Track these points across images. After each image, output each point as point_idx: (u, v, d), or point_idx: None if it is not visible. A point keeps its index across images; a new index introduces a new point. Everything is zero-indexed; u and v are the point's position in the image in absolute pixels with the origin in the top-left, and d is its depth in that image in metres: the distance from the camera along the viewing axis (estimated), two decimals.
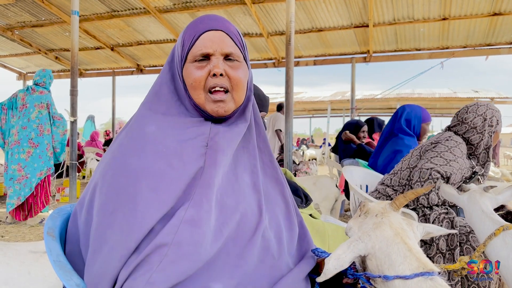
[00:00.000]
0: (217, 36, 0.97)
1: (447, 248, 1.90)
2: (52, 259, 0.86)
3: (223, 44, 0.97)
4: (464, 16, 6.72)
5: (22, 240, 4.01)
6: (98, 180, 0.91)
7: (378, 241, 0.89)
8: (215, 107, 0.96)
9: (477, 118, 2.21)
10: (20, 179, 4.53)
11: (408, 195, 0.98)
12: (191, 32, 0.98)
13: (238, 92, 0.98)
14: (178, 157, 0.89)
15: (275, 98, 14.72)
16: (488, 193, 1.44)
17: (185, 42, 0.98)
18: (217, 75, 0.95)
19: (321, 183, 4.25)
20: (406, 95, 13.57)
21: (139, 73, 10.41)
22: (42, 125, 4.64)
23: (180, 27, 8.06)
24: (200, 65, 0.96)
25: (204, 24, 0.98)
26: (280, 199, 1.06)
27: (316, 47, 8.45)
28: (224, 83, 0.96)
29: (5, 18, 8.21)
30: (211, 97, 0.95)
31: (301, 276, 0.96)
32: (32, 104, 4.63)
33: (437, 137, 2.27)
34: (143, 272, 0.79)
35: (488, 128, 2.20)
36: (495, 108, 2.24)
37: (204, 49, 0.95)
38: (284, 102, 4.15)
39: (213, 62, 0.96)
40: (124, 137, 0.96)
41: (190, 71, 0.96)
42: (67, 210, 1.07)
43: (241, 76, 0.99)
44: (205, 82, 0.95)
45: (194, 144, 0.92)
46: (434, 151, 2.14)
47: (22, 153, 4.55)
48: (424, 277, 0.82)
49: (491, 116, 2.20)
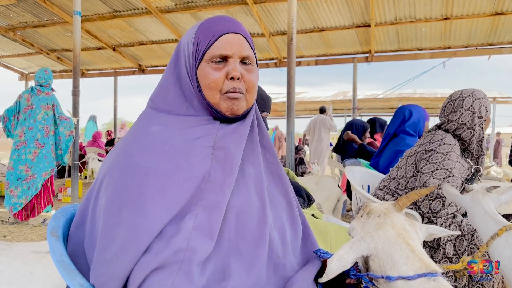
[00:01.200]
0: (235, 39, 0.97)
1: (454, 253, 1.86)
2: (56, 259, 0.86)
3: (242, 48, 0.98)
4: (466, 16, 6.72)
5: (24, 240, 4.02)
6: (103, 179, 0.91)
7: (381, 242, 0.89)
8: (230, 104, 0.96)
9: (464, 114, 2.08)
10: (28, 179, 4.59)
11: (411, 196, 0.97)
12: (209, 33, 0.97)
13: (251, 95, 1.00)
14: (185, 158, 0.89)
15: (277, 98, 14.72)
16: (491, 194, 1.44)
17: (201, 42, 0.97)
18: (234, 79, 0.96)
19: (323, 183, 4.26)
20: (408, 95, 13.56)
21: (141, 73, 10.43)
22: (47, 126, 4.69)
23: (182, 27, 8.07)
24: (217, 66, 0.96)
25: (222, 26, 0.98)
26: (283, 198, 1.06)
27: (317, 47, 8.45)
28: (241, 86, 0.97)
29: (7, 18, 8.23)
30: (228, 96, 0.96)
31: (311, 278, 0.96)
32: (38, 105, 4.67)
33: (429, 140, 2.11)
34: (164, 277, 0.79)
35: (478, 120, 2.08)
36: (481, 96, 2.09)
37: (224, 51, 0.96)
38: (287, 102, 4.15)
39: (231, 64, 0.96)
40: (129, 137, 0.96)
41: (207, 71, 0.96)
42: (70, 210, 1.08)
43: (255, 80, 1.00)
44: (222, 84, 0.96)
45: (201, 144, 0.93)
46: (432, 162, 2.00)
47: (29, 154, 4.59)
48: (427, 278, 0.82)
49: (479, 107, 2.06)
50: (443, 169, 1.96)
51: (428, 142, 2.11)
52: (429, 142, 2.10)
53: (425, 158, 2.06)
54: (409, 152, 2.25)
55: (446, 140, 2.05)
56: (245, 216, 0.93)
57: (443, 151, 2.01)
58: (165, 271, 0.79)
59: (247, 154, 1.01)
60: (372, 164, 3.43)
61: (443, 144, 2.03)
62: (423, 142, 2.16)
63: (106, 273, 0.81)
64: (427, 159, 2.04)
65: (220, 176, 0.91)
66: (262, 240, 0.92)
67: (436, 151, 2.02)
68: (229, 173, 0.92)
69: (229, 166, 0.92)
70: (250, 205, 0.95)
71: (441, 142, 2.05)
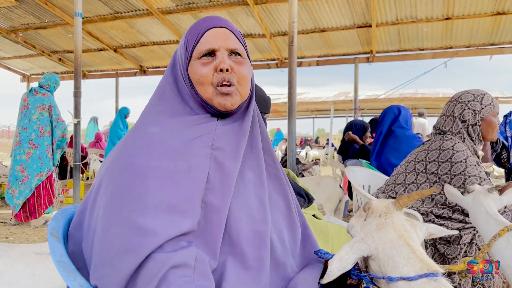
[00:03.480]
0: (221, 32, 0.99)
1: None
2: (56, 260, 0.86)
3: (228, 40, 0.98)
4: (468, 16, 6.70)
5: (26, 241, 4.02)
6: (102, 180, 0.91)
7: (382, 243, 0.89)
8: (222, 100, 0.96)
9: (447, 120, 2.06)
10: (24, 179, 4.58)
11: (412, 196, 0.97)
12: (195, 31, 1.00)
13: (243, 87, 1.00)
14: (184, 158, 0.89)
15: (278, 98, 14.72)
16: (492, 194, 1.44)
17: (189, 41, 0.99)
18: (223, 70, 0.96)
19: (325, 183, 4.25)
20: (409, 95, 13.54)
21: (142, 74, 10.45)
22: (42, 127, 4.67)
23: (183, 28, 8.08)
24: (206, 61, 0.97)
25: (207, 23, 1.00)
26: (281, 199, 1.06)
27: (319, 47, 8.44)
28: (231, 77, 0.97)
29: (9, 20, 8.25)
30: (219, 90, 0.96)
31: (314, 283, 0.96)
32: (34, 105, 4.66)
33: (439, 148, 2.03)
34: (183, 273, 0.79)
35: (462, 124, 2.03)
36: (468, 98, 2.04)
37: (209, 45, 0.97)
38: (288, 103, 4.14)
39: (219, 57, 0.97)
40: (128, 138, 0.97)
41: (197, 67, 0.97)
42: (71, 211, 1.08)
43: (246, 72, 1.01)
44: (212, 77, 0.97)
45: (200, 143, 0.93)
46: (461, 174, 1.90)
47: (23, 154, 4.58)
48: (428, 278, 0.82)
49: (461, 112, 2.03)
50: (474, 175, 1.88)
51: (439, 149, 2.04)
52: (439, 150, 2.03)
53: (446, 172, 1.96)
54: (416, 157, 2.17)
55: (457, 147, 1.97)
56: (245, 218, 0.93)
57: (461, 159, 1.93)
58: (183, 269, 0.79)
59: (247, 156, 1.00)
60: (375, 164, 3.43)
61: (457, 152, 1.95)
62: (431, 148, 2.08)
63: (109, 273, 0.81)
64: (452, 173, 1.94)
65: (219, 178, 0.91)
66: (265, 243, 0.92)
67: (458, 162, 1.94)
68: (228, 176, 0.92)
69: (228, 169, 0.92)
70: (250, 207, 0.94)
71: (454, 151, 1.97)
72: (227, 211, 0.90)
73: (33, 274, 1.63)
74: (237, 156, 0.95)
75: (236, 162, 0.95)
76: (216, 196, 0.89)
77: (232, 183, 0.92)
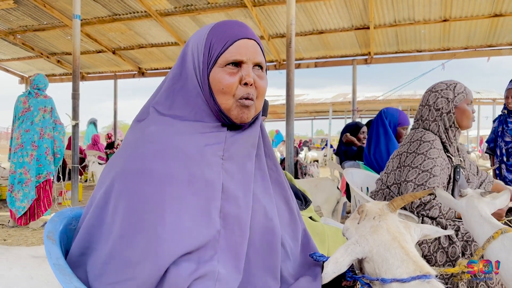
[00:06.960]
0: (250, 45, 0.97)
1: (448, 260, 1.86)
2: (52, 263, 0.86)
3: (256, 54, 0.98)
4: (465, 17, 6.73)
5: (24, 243, 4.02)
6: (113, 184, 0.87)
7: (376, 245, 0.90)
8: (241, 113, 0.96)
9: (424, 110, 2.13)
10: (27, 182, 4.60)
11: (406, 198, 0.98)
12: (223, 37, 0.96)
13: (259, 100, 1.00)
14: (197, 165, 0.88)
15: (277, 100, 14.75)
16: (485, 198, 1.46)
17: (214, 46, 0.96)
18: (248, 84, 0.95)
19: (323, 185, 4.26)
20: (408, 96, 13.59)
21: (140, 76, 10.46)
22: (43, 129, 4.70)
23: (182, 30, 8.09)
24: (232, 71, 0.95)
25: (237, 31, 0.97)
26: (283, 205, 1.06)
27: (317, 49, 8.46)
28: (253, 93, 0.97)
29: (7, 22, 8.26)
30: (240, 102, 0.95)
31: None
32: (36, 107, 4.69)
33: (409, 140, 2.12)
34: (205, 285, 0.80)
35: (437, 113, 2.08)
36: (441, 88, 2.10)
37: (239, 56, 0.95)
38: (286, 104, 4.16)
39: (245, 70, 0.96)
40: (138, 142, 0.93)
41: (222, 76, 0.95)
42: (68, 214, 1.07)
43: (265, 86, 1.01)
44: (235, 89, 0.95)
45: (211, 152, 0.92)
46: (415, 167, 2.00)
47: (26, 156, 4.60)
48: (421, 280, 0.83)
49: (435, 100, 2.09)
50: (424, 171, 1.97)
51: (409, 142, 2.12)
52: (410, 142, 2.11)
53: (408, 164, 2.05)
54: (394, 154, 2.24)
55: (425, 137, 2.05)
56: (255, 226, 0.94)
57: (422, 151, 2.01)
58: (206, 280, 0.80)
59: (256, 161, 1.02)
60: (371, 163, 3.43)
61: (422, 143, 2.04)
62: (404, 142, 2.17)
63: (127, 282, 0.80)
64: (411, 166, 2.03)
65: (234, 188, 0.91)
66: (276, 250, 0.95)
67: (417, 153, 2.03)
68: (244, 186, 0.93)
69: (241, 180, 0.94)
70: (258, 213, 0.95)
71: (420, 141, 2.06)
72: (249, 221, 0.90)
73: (31, 277, 1.63)
74: (249, 167, 0.96)
75: (248, 173, 0.95)
76: (232, 205, 0.89)
77: (249, 193, 0.93)
